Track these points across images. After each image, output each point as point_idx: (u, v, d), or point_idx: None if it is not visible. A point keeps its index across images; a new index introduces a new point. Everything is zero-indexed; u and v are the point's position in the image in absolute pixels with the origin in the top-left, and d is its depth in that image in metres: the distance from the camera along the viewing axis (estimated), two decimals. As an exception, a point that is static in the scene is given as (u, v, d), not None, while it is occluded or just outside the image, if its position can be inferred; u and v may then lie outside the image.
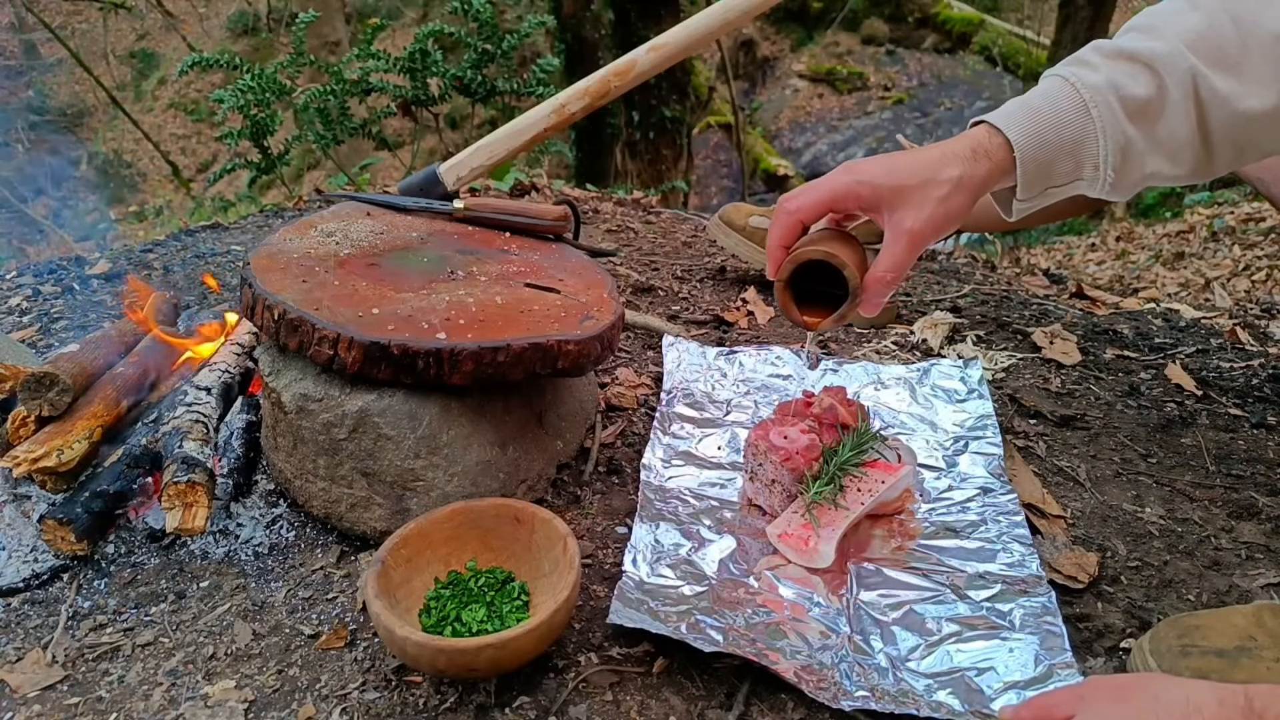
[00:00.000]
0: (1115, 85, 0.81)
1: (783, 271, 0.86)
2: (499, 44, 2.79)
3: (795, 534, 0.98)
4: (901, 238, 0.83)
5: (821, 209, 0.86)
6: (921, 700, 0.80)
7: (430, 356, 0.93)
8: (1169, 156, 0.83)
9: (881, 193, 0.83)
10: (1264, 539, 1.04)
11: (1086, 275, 3.35)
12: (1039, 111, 0.82)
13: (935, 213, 0.82)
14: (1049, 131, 0.81)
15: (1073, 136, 0.81)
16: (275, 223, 2.16)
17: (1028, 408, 1.30)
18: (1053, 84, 0.84)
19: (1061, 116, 0.81)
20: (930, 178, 0.82)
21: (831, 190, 0.85)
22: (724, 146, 8.48)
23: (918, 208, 0.82)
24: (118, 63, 11.38)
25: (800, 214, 0.86)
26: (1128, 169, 0.83)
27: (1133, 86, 0.81)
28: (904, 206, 0.82)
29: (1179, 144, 0.83)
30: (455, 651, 0.78)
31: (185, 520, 0.97)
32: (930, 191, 0.82)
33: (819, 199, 0.85)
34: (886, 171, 0.83)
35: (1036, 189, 0.84)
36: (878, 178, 0.83)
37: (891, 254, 0.83)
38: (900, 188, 0.82)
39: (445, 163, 1.44)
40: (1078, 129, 0.81)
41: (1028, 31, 9.03)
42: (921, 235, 0.83)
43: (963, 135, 0.85)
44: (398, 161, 3.92)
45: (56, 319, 1.61)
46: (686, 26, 1.44)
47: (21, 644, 0.92)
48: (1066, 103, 0.81)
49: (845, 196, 0.85)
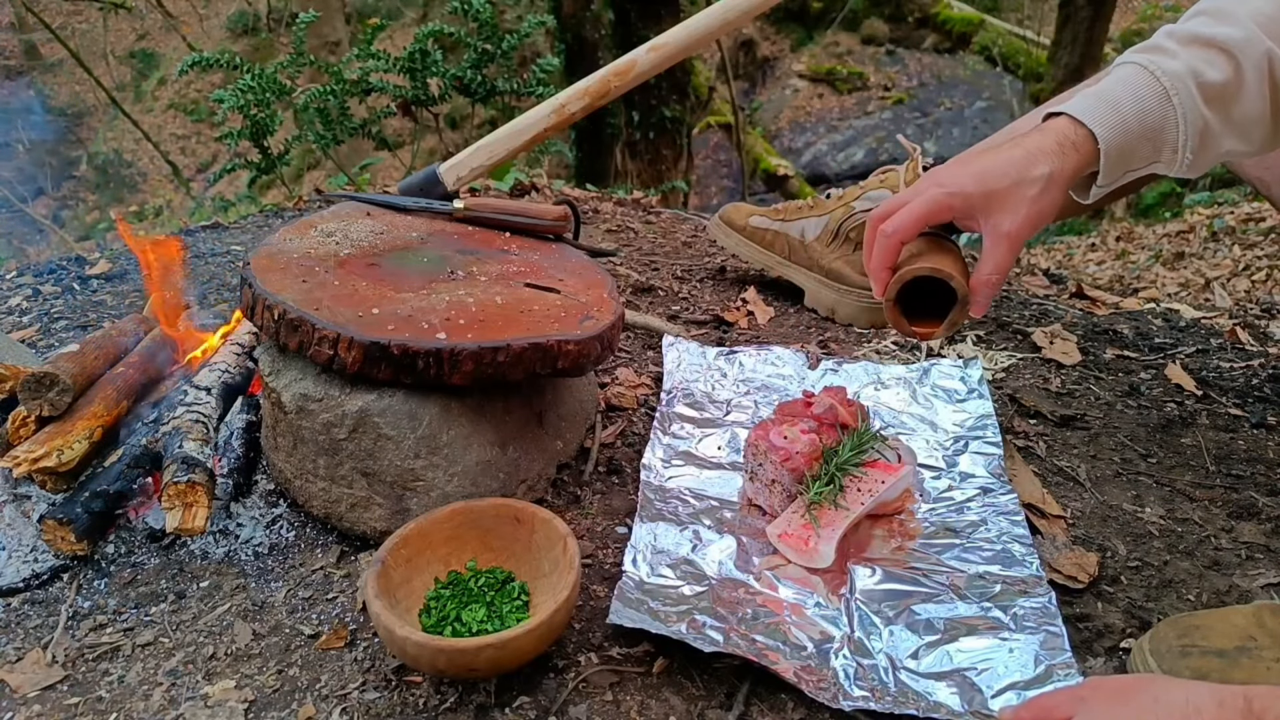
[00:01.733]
0: (1195, 72, 0.82)
1: (890, 290, 0.88)
2: (499, 44, 2.79)
3: (795, 534, 0.98)
4: (1001, 242, 0.84)
5: (919, 227, 0.87)
6: (921, 700, 0.80)
7: (430, 356, 0.93)
8: (1242, 135, 0.86)
9: (974, 201, 0.84)
10: (1264, 539, 1.04)
11: (1086, 275, 3.35)
12: (1120, 102, 0.84)
13: (1030, 212, 0.84)
14: (1131, 121, 0.83)
15: (1154, 124, 0.83)
16: (275, 223, 2.16)
17: (1028, 408, 1.30)
18: (1131, 72, 0.85)
19: (1143, 105, 0.83)
20: (1021, 178, 0.83)
21: (925, 207, 0.86)
22: (724, 146, 8.48)
23: (1013, 210, 0.83)
24: (118, 63, 11.38)
25: (899, 235, 0.87)
26: (1204, 150, 0.85)
27: (1211, 72, 0.83)
28: (999, 211, 0.84)
29: (1252, 123, 0.85)
30: (455, 651, 0.78)
31: (185, 520, 0.97)
32: (1024, 192, 0.83)
33: (916, 218, 0.86)
34: (976, 179, 0.84)
35: (1116, 174, 0.86)
36: (968, 187, 0.84)
37: (994, 258, 0.85)
38: (992, 193, 0.84)
39: (445, 163, 1.44)
40: (1159, 116, 0.83)
41: (1028, 31, 9.04)
42: (1020, 236, 0.84)
43: (1043, 129, 0.87)
44: (398, 161, 3.92)
45: (56, 319, 1.61)
46: (686, 26, 1.44)
47: (21, 644, 0.92)
48: (1147, 91, 0.83)
49: (940, 211, 0.86)
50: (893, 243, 0.87)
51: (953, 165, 0.89)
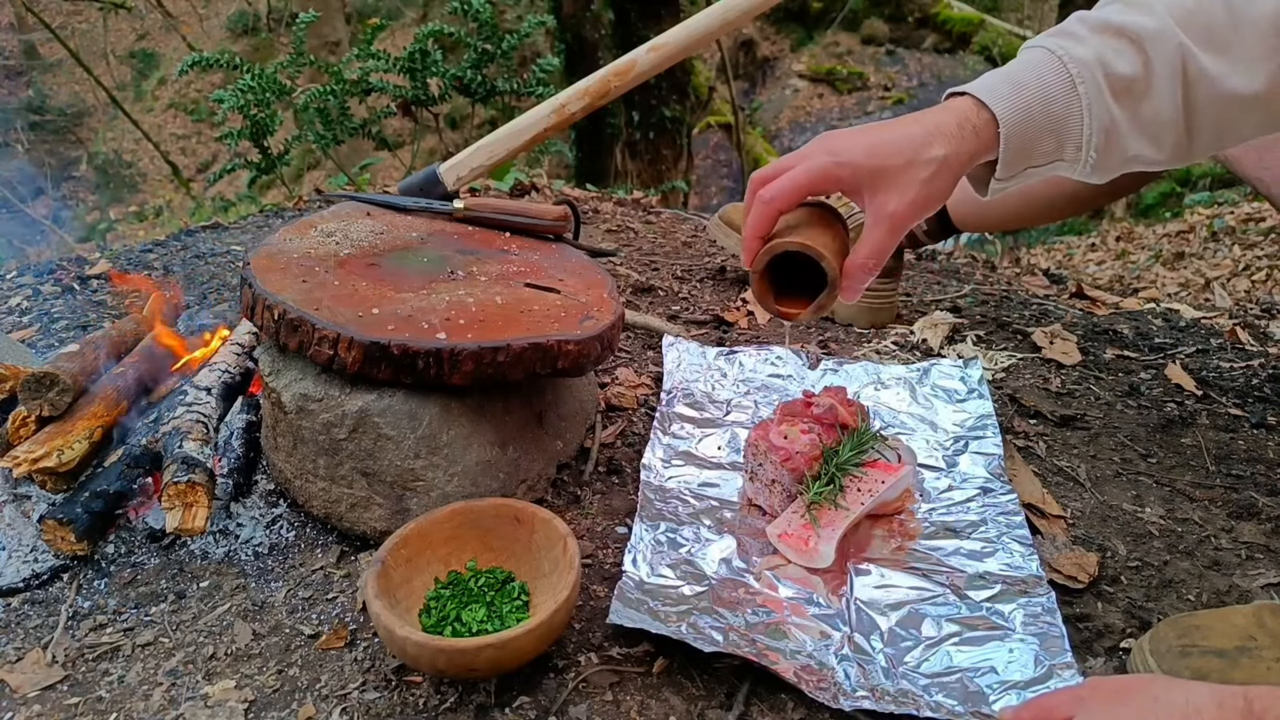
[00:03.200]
0: (1103, 61, 0.77)
1: (758, 263, 0.81)
2: (499, 44, 2.79)
3: (795, 534, 0.98)
4: (883, 222, 0.78)
5: (799, 196, 0.80)
6: (921, 700, 0.80)
7: (430, 356, 0.93)
8: (1152, 139, 0.80)
9: (862, 175, 0.78)
10: (1264, 539, 1.04)
11: (1086, 275, 3.35)
12: (1024, 86, 0.78)
13: (919, 195, 0.77)
14: (1035, 108, 0.77)
15: (1058, 114, 0.77)
16: (275, 223, 2.16)
17: (1028, 408, 1.30)
18: (1037, 56, 0.79)
19: (1048, 92, 0.77)
20: (914, 158, 0.77)
21: (809, 175, 0.79)
22: (724, 146, 8.47)
23: (900, 190, 0.77)
24: (118, 63, 11.38)
25: (777, 203, 0.80)
26: (1110, 150, 0.79)
27: (1119, 63, 0.77)
28: (886, 189, 0.77)
29: (1162, 125, 0.79)
30: (455, 651, 0.78)
31: (185, 520, 0.97)
32: (914, 173, 0.77)
33: (796, 186, 0.79)
34: (867, 151, 0.77)
35: (1017, 168, 0.80)
36: (858, 159, 0.78)
37: (873, 239, 0.79)
38: (882, 169, 0.77)
39: (445, 163, 1.44)
40: (1063, 106, 0.77)
41: (1028, 31, 9.03)
42: (905, 219, 0.78)
43: (946, 107, 0.80)
44: (398, 161, 3.92)
45: (56, 319, 1.61)
46: (686, 26, 1.44)
47: (21, 644, 0.92)
48: (1053, 78, 0.77)
49: (823, 180, 0.79)
50: (769, 210, 0.80)
51: (849, 133, 0.80)
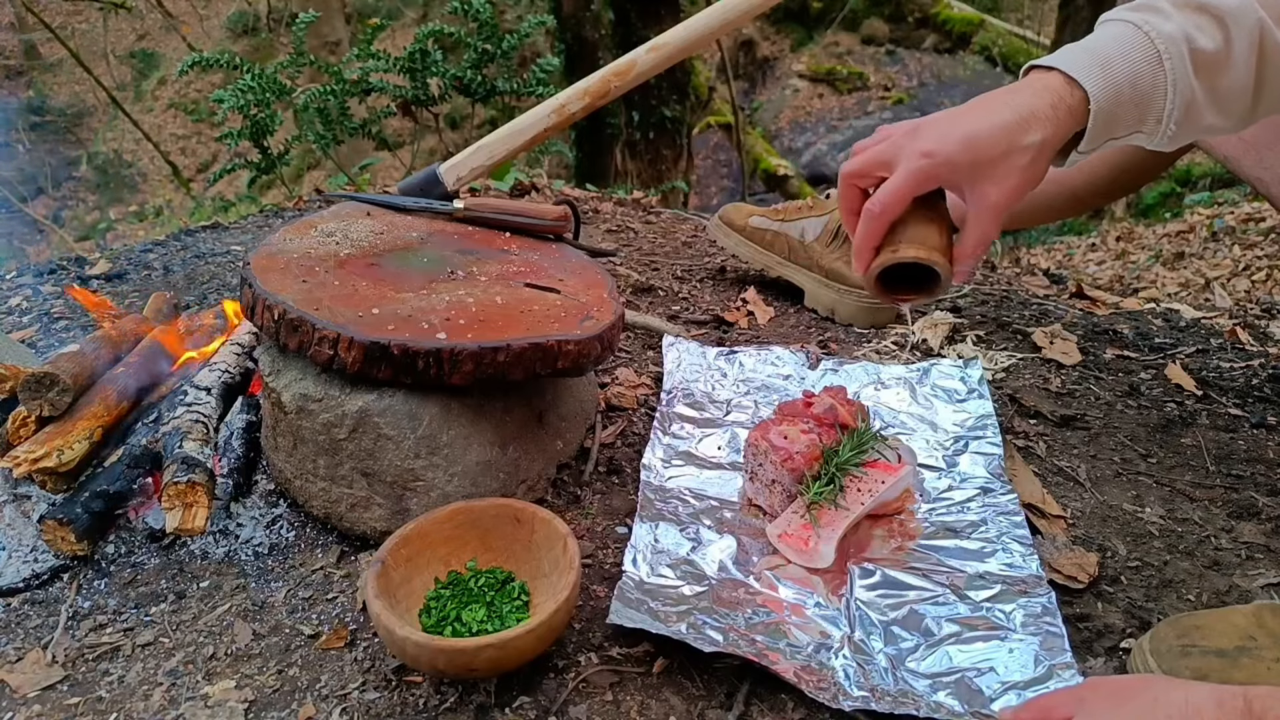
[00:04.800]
0: (1188, 36, 0.78)
1: (873, 271, 0.82)
2: (499, 44, 2.79)
3: (795, 534, 0.98)
4: (987, 214, 0.80)
5: (905, 204, 0.81)
6: (921, 700, 0.80)
7: (430, 356, 0.93)
8: (1224, 110, 0.81)
9: (961, 171, 0.79)
10: (1264, 539, 1.04)
11: (1086, 275, 3.35)
12: (1112, 63, 0.78)
13: (1019, 182, 0.78)
14: (1124, 84, 0.78)
15: (1144, 89, 0.78)
16: (275, 223, 2.16)
17: (1028, 408, 1.30)
18: (1122, 31, 0.80)
19: (1136, 68, 0.78)
20: (1010, 147, 0.77)
21: (911, 182, 0.80)
22: (724, 146, 8.47)
23: (1000, 181, 0.78)
24: (118, 63, 11.38)
25: (887, 215, 0.81)
26: (1188, 122, 0.80)
27: (1202, 39, 0.78)
28: (985, 181, 0.78)
29: (1235, 97, 0.81)
30: (455, 651, 0.78)
31: (185, 520, 0.97)
32: (1013, 161, 0.78)
33: (902, 197, 0.80)
34: (964, 146, 0.78)
35: (1099, 140, 0.81)
36: (956, 156, 0.78)
37: (979, 230, 0.80)
38: (981, 163, 0.78)
39: (445, 163, 1.44)
40: (1149, 81, 0.78)
41: (1028, 31, 9.03)
42: (1007, 206, 0.79)
43: (1036, 87, 0.80)
44: (398, 161, 3.92)
45: (56, 319, 1.61)
46: (686, 26, 1.44)
47: (21, 644, 0.92)
48: (1140, 53, 0.78)
49: (926, 184, 0.80)
50: (880, 225, 0.81)
51: (939, 125, 0.81)
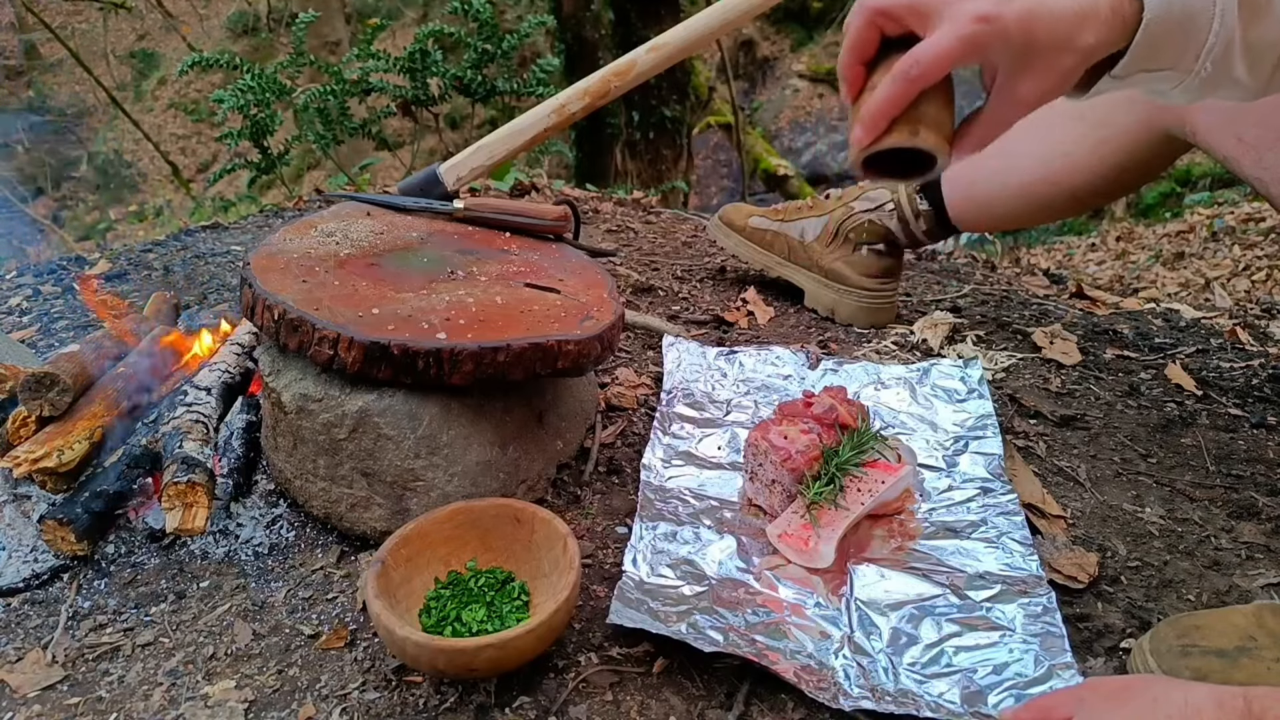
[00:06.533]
0: None
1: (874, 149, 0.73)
2: (499, 44, 2.79)
3: (795, 534, 0.98)
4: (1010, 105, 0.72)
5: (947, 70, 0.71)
6: (921, 700, 0.80)
7: (430, 356, 0.93)
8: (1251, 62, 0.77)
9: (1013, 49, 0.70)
10: (1264, 539, 1.04)
11: (1086, 275, 3.35)
12: None
13: (1055, 84, 0.72)
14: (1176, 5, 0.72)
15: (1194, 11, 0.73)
16: (275, 223, 2.16)
17: (1028, 408, 1.30)
18: None
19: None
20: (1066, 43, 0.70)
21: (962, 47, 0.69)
22: (724, 146, 8.47)
23: (1040, 76, 0.71)
24: (118, 63, 11.38)
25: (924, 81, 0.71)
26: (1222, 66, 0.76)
27: None
28: (1027, 71, 0.71)
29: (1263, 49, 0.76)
30: (455, 652, 0.78)
31: (185, 520, 0.97)
32: (1060, 60, 0.70)
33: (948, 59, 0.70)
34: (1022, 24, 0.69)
35: (1136, 67, 0.75)
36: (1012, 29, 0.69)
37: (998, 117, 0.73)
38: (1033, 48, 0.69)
39: (445, 163, 1.44)
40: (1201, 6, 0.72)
41: (1028, 31, 9.02)
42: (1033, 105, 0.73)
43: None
44: (398, 161, 3.92)
45: (56, 319, 1.61)
46: (686, 26, 1.44)
47: (21, 644, 0.92)
48: None
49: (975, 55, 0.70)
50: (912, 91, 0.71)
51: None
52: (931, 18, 0.71)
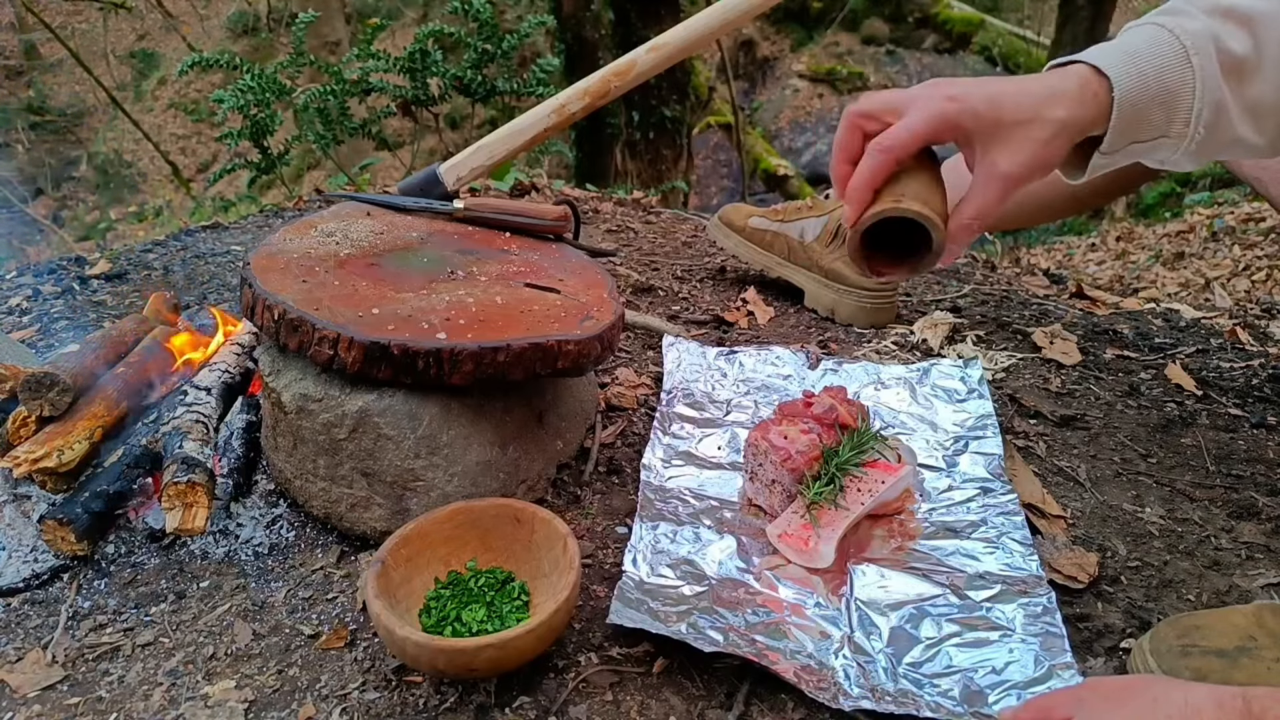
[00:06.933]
0: (1215, 36, 0.75)
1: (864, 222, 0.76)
2: (499, 44, 2.79)
3: (795, 534, 0.98)
4: (994, 182, 0.75)
5: (919, 145, 0.76)
6: (921, 700, 0.80)
7: (430, 356, 0.93)
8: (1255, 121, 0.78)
9: (982, 125, 0.74)
10: (1264, 539, 1.04)
11: (1086, 275, 3.35)
12: (1139, 55, 0.75)
13: (1035, 156, 0.74)
14: (1150, 77, 0.74)
15: (1171, 85, 0.75)
16: (275, 223, 2.16)
17: (1028, 408, 1.30)
18: (1148, 31, 0.77)
19: (1163, 62, 0.74)
20: (1036, 116, 0.73)
21: (929, 123, 0.75)
22: (724, 146, 8.47)
23: (1016, 149, 0.74)
24: (118, 63, 11.38)
25: (896, 152, 0.75)
26: (1217, 128, 0.77)
27: (1231, 42, 0.75)
28: (1001, 145, 0.74)
29: (1267, 108, 0.78)
30: (455, 651, 0.78)
31: (185, 520, 0.97)
32: (1034, 132, 0.73)
33: (916, 135, 0.75)
34: (989, 102, 0.74)
35: (1124, 142, 0.77)
36: (979, 107, 0.74)
37: (982, 199, 0.75)
38: (1001, 122, 0.74)
39: (445, 163, 1.44)
40: (1176, 77, 0.75)
41: (1028, 31, 9.03)
42: (1017, 180, 0.75)
43: (1062, 73, 0.77)
44: (398, 161, 3.92)
45: (56, 319, 1.61)
46: (686, 26, 1.44)
47: (21, 644, 0.92)
48: (1167, 49, 0.75)
49: (944, 128, 0.75)
50: (888, 161, 0.75)
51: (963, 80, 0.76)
52: (906, 108, 0.76)
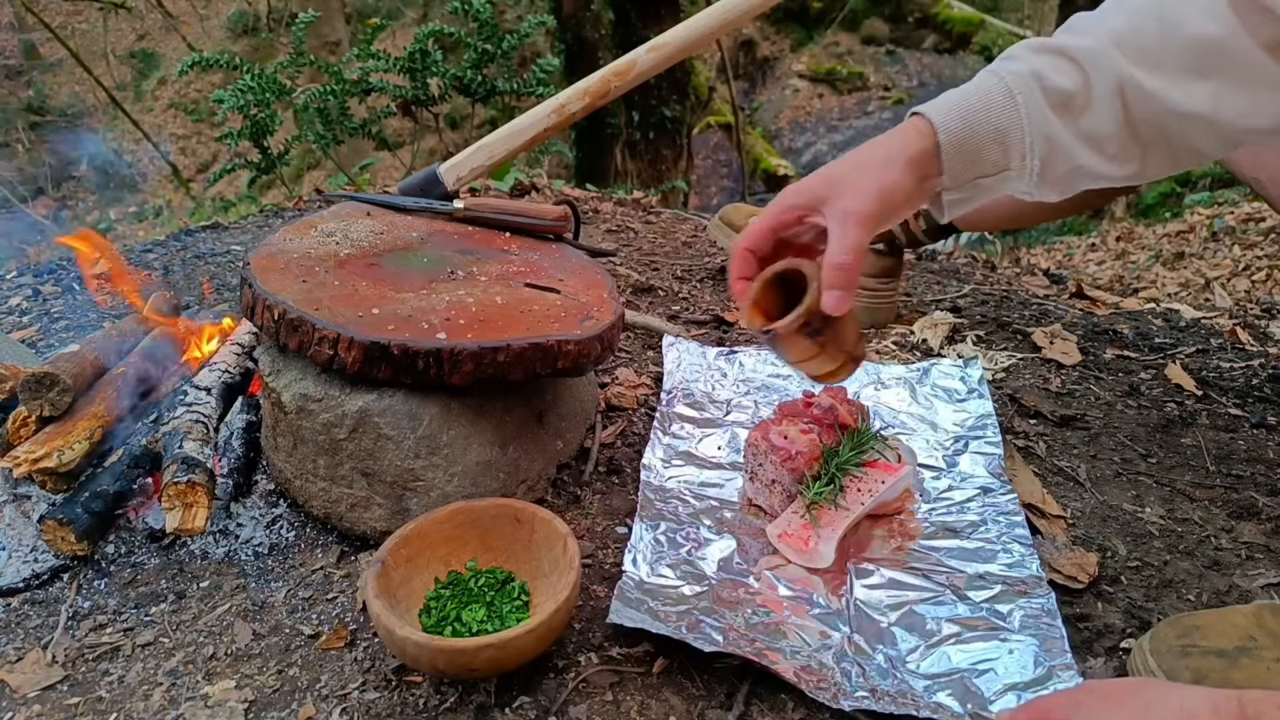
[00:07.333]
0: (1039, 74, 0.81)
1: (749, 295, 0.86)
2: (499, 44, 2.79)
3: (795, 534, 0.98)
4: (846, 220, 0.81)
5: (769, 232, 0.86)
6: (921, 701, 0.80)
7: (430, 356, 0.93)
8: (1097, 151, 0.83)
9: (818, 192, 0.83)
10: (1264, 539, 1.04)
11: (1086, 275, 3.34)
12: (966, 95, 0.82)
13: (873, 186, 0.81)
14: (975, 115, 0.81)
15: (1000, 123, 0.81)
16: (275, 223, 2.16)
17: (1028, 408, 1.30)
18: (980, 78, 0.84)
19: (988, 100, 0.81)
20: (859, 164, 0.82)
21: (772, 210, 0.86)
22: (724, 146, 8.47)
23: (853, 191, 0.82)
24: (118, 63, 11.37)
25: (749, 242, 0.86)
26: (1055, 160, 0.82)
27: (1057, 77, 0.81)
28: (840, 195, 0.82)
29: (1104, 138, 0.82)
30: (455, 652, 0.78)
31: (185, 520, 0.97)
32: (863, 175, 0.82)
33: (764, 224, 0.86)
34: (821, 175, 0.84)
35: (965, 178, 0.84)
36: (813, 182, 0.84)
37: (840, 239, 0.82)
38: (834, 180, 0.83)
39: (445, 163, 1.44)
40: (1004, 115, 0.81)
41: (1028, 31, 9.03)
42: (863, 212, 0.81)
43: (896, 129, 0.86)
44: (398, 161, 3.92)
45: (56, 319, 1.61)
46: (686, 26, 1.44)
47: (21, 644, 0.92)
48: (993, 91, 0.82)
49: (786, 210, 0.85)
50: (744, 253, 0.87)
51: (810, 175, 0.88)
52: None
